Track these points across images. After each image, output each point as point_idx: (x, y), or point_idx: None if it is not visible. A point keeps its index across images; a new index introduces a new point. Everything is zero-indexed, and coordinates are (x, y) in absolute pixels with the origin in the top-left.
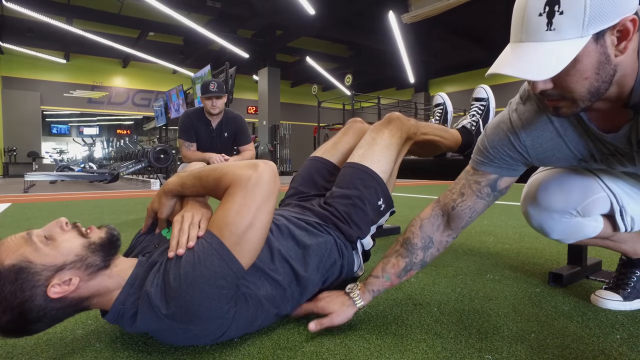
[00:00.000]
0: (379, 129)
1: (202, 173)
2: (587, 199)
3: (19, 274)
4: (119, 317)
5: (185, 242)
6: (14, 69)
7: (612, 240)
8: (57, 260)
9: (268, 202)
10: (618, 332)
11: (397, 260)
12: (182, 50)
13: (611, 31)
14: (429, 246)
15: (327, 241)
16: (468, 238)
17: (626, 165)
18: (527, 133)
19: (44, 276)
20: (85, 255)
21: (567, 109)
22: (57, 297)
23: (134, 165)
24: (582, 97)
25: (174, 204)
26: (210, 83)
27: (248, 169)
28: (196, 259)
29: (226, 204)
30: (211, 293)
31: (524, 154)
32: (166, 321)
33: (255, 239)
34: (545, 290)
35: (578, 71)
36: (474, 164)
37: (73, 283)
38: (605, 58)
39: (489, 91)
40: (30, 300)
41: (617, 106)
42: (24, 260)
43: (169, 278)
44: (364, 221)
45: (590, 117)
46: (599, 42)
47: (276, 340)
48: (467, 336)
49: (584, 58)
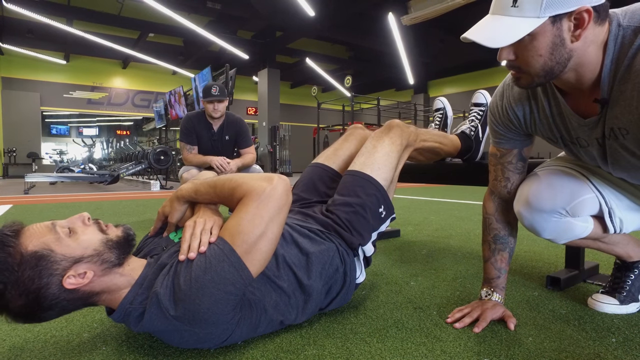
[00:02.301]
0: (379, 136)
1: (217, 182)
2: (576, 200)
3: (39, 261)
4: (125, 316)
5: (197, 246)
6: (14, 70)
7: (603, 242)
8: (76, 252)
9: (280, 214)
10: (614, 336)
11: (500, 255)
12: (181, 52)
13: (568, 17)
14: (512, 228)
15: (329, 248)
16: (467, 241)
17: (582, 157)
18: (517, 106)
19: (62, 266)
20: (103, 251)
21: (524, 80)
22: (71, 288)
23: (134, 167)
24: (536, 72)
25: (185, 209)
26: (212, 87)
27: (263, 181)
28: (207, 263)
29: (240, 213)
30: (219, 298)
31: (523, 125)
32: (173, 322)
33: (265, 249)
34: (543, 294)
35: (534, 47)
36: (496, 144)
37: (87, 276)
38: (560, 41)
39: (487, 96)
40: (46, 288)
41: (588, 98)
42: (46, 248)
43: (179, 281)
44: (365, 228)
45: (567, 101)
46: (555, 25)
47: (279, 344)
48: (466, 339)
49: (540, 37)
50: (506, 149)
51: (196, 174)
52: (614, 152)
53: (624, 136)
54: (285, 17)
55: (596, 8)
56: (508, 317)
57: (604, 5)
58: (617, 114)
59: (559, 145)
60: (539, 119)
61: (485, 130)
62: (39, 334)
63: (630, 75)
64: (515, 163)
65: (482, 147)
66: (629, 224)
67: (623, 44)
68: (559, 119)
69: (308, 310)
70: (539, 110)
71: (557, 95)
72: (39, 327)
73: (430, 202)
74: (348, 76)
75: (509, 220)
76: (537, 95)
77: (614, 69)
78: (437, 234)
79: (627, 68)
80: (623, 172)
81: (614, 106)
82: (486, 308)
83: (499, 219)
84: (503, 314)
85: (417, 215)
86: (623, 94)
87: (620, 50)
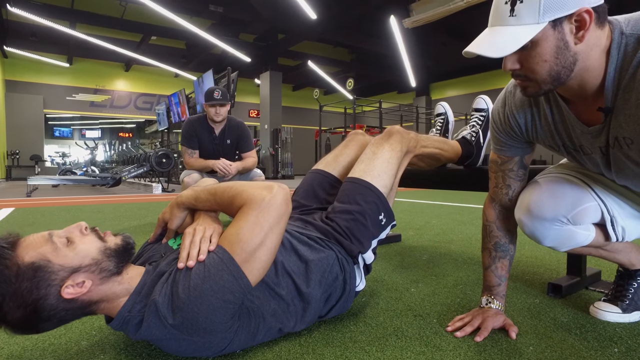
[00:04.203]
0: (379, 143)
1: (218, 189)
2: (578, 208)
3: (37, 272)
4: (124, 324)
5: (196, 254)
6: (18, 73)
7: (605, 250)
8: (74, 262)
9: (279, 223)
10: (616, 345)
11: (501, 263)
12: (184, 54)
13: (569, 20)
14: (512, 235)
15: (329, 256)
16: (468, 246)
17: (586, 164)
18: (519, 114)
19: (60, 276)
20: (101, 259)
21: (532, 89)
22: (69, 297)
23: (136, 170)
24: (543, 79)
25: (185, 216)
26: (215, 91)
27: (263, 190)
28: (206, 272)
29: (239, 222)
30: (218, 307)
31: (525, 133)
32: (171, 331)
33: (264, 258)
34: (544, 302)
35: (538, 54)
36: (497, 152)
37: (85, 286)
38: (563, 44)
39: (488, 102)
40: (44, 299)
41: (591, 106)
42: (44, 258)
43: (178, 289)
44: (365, 236)
45: (570, 109)
46: (557, 29)
47: (277, 352)
48: (466, 348)
49: (543, 42)
50: (507, 157)
51: (198, 178)
52: (617, 160)
53: (629, 146)
54: (287, 20)
55: (596, 9)
56: (509, 325)
57: (603, 7)
58: (621, 123)
59: (561, 152)
60: (541, 126)
61: (486, 136)
62: (38, 342)
63: (634, 84)
64: (517, 170)
65: (483, 153)
66: (631, 232)
67: (627, 52)
68: (562, 127)
69: (307, 318)
70: (541, 117)
71: (560, 103)
72: (38, 335)
73: (431, 205)
74: (350, 79)
75: (509, 228)
76: (539, 103)
77: (618, 78)
78: (438, 239)
79: (631, 77)
80: (627, 180)
81: (618, 115)
82: (487, 316)
83: (499, 227)
84: (504, 323)
85: (419, 219)
86: (627, 103)
87: (624, 59)
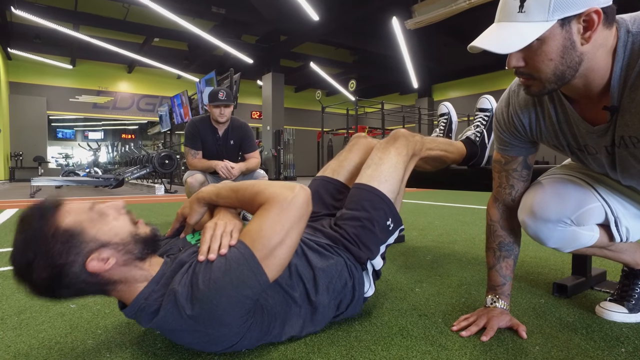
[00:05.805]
0: (385, 147)
1: (240, 186)
2: (582, 209)
3: (71, 237)
4: (138, 312)
5: (217, 248)
6: (21, 75)
7: (610, 250)
8: (105, 237)
9: (300, 223)
10: (623, 346)
11: (505, 262)
12: (186, 56)
13: (577, 19)
14: (516, 235)
15: (337, 263)
16: (472, 246)
17: (590, 164)
18: (523, 113)
19: (89, 247)
20: (129, 241)
21: (536, 87)
22: (92, 271)
23: (139, 171)
24: (547, 78)
25: (204, 211)
26: (220, 92)
27: (286, 189)
28: (227, 266)
29: (261, 218)
30: (236, 300)
31: (529, 132)
32: (188, 321)
33: (283, 256)
34: (550, 301)
35: (544, 52)
36: (500, 151)
37: (109, 262)
38: (570, 44)
39: (493, 102)
40: (70, 265)
41: (596, 106)
42: (79, 226)
43: (198, 281)
44: (373, 242)
45: (574, 108)
46: (565, 28)
47: (283, 352)
48: (472, 348)
49: (550, 40)
50: (511, 157)
51: (201, 179)
52: (623, 160)
53: (635, 145)
54: (290, 21)
55: (604, 10)
56: (517, 325)
57: (612, 7)
58: (627, 122)
59: (565, 152)
60: (545, 125)
61: (490, 136)
62: (44, 340)
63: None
64: (520, 171)
65: (488, 152)
66: (635, 232)
67: (633, 51)
68: (566, 126)
69: (315, 322)
70: (545, 117)
71: (564, 102)
72: (44, 334)
73: (434, 206)
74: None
75: (513, 227)
76: (543, 102)
77: (624, 76)
78: (441, 239)
79: (637, 75)
80: (632, 180)
81: (624, 114)
82: (492, 316)
83: (503, 226)
84: (510, 322)
85: (422, 219)
86: (634, 102)
87: (630, 57)
